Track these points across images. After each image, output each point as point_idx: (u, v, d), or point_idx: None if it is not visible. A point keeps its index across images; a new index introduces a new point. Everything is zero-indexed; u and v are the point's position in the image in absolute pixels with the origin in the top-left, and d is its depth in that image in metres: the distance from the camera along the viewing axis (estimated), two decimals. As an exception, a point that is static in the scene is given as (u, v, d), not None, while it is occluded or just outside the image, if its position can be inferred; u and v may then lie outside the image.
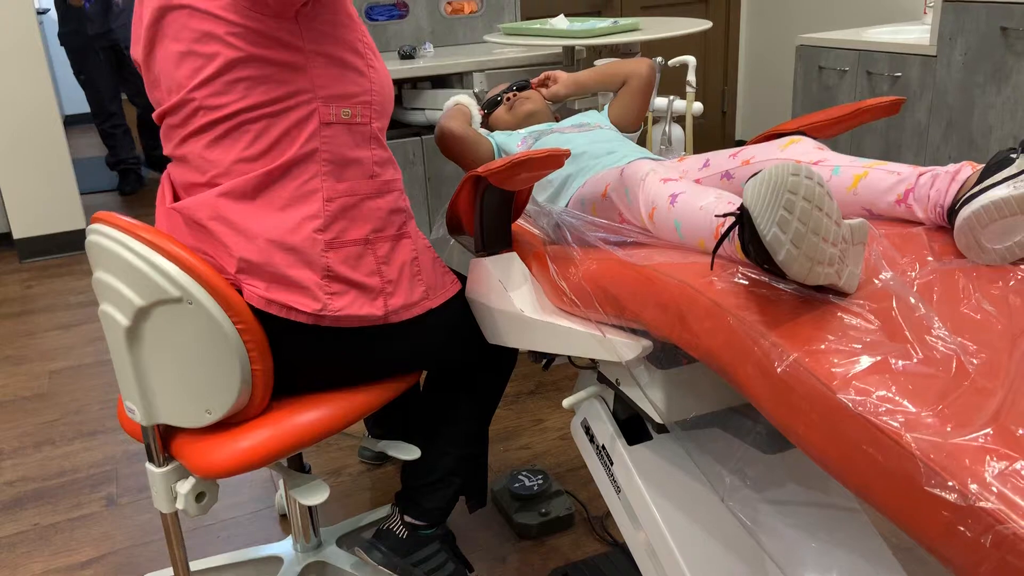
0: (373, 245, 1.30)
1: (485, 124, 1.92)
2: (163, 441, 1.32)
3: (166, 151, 1.34)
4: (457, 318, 1.44)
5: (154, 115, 1.32)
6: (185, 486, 1.30)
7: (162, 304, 1.19)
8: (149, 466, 1.32)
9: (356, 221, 1.29)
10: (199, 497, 1.31)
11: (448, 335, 1.44)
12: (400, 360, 1.40)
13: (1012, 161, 1.06)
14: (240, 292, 1.24)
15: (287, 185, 1.25)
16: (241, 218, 1.24)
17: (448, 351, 1.46)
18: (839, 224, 0.91)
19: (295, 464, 1.65)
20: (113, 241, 1.20)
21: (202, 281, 1.18)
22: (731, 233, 1.01)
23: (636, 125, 1.84)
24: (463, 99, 1.86)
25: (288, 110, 1.24)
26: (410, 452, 1.53)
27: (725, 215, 0.98)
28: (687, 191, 1.16)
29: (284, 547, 1.75)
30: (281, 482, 1.93)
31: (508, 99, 1.88)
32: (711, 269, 1.03)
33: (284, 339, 1.26)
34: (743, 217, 0.91)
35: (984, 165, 1.09)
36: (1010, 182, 1.03)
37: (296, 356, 1.29)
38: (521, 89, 1.91)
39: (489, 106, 1.90)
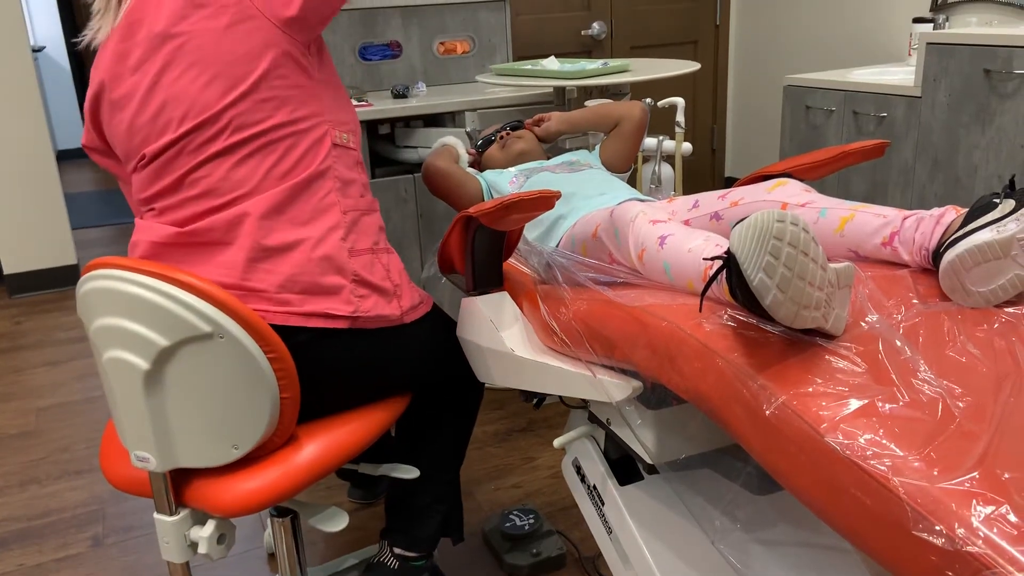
0: (377, 254, 1.37)
1: (477, 163, 1.94)
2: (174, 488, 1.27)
3: (154, 190, 1.31)
4: (448, 322, 1.52)
5: (151, 148, 1.30)
6: (206, 530, 1.26)
7: (190, 342, 1.16)
8: (159, 516, 1.26)
9: (362, 233, 1.36)
10: (220, 539, 1.27)
11: (446, 336, 1.50)
12: (412, 363, 1.43)
13: (996, 205, 1.07)
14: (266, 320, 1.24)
15: (309, 199, 1.31)
16: (269, 238, 1.27)
17: (448, 355, 1.51)
18: (825, 268, 0.93)
19: (279, 508, 1.63)
20: (128, 283, 1.16)
21: (232, 313, 1.16)
22: (719, 276, 1.02)
23: (626, 166, 1.86)
24: (450, 140, 1.88)
25: (310, 129, 1.32)
26: (410, 472, 1.53)
27: (713, 258, 0.99)
28: (676, 233, 1.17)
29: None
30: (269, 521, 1.92)
31: (501, 137, 1.91)
32: (700, 311, 1.03)
33: (313, 354, 1.28)
34: (730, 262, 0.93)
35: (968, 209, 1.11)
36: (993, 226, 1.05)
37: (325, 367, 1.31)
38: (515, 129, 1.94)
39: (484, 145, 1.93)
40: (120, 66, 1.32)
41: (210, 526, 1.27)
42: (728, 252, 0.93)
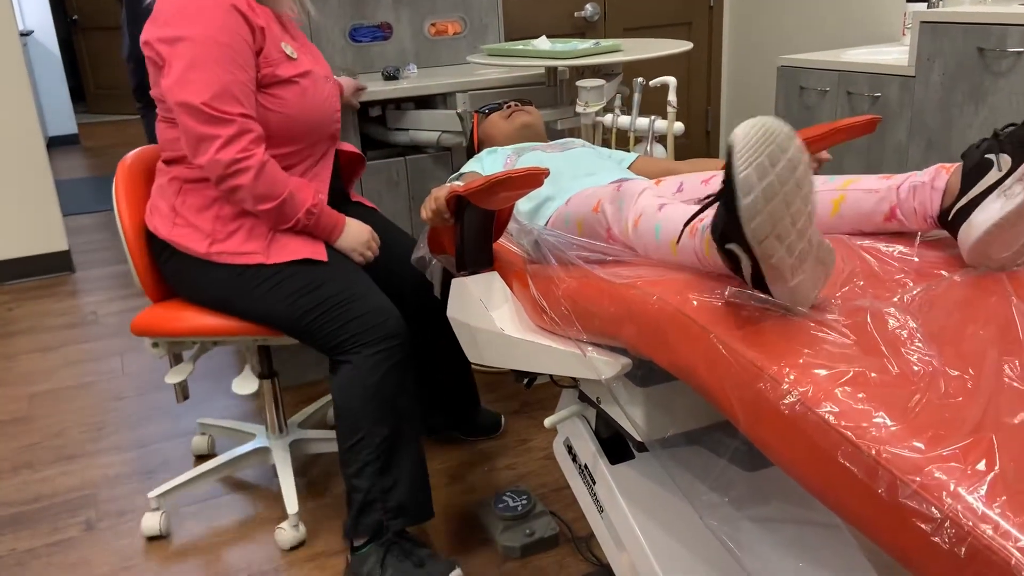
0: (220, 205, 1.72)
1: (476, 133, 1.94)
2: None
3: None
4: (295, 282, 1.69)
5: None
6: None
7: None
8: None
9: (203, 192, 1.72)
10: (154, 344, 1.89)
11: (280, 293, 1.69)
12: (229, 297, 1.74)
13: (990, 163, 1.07)
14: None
15: (175, 166, 1.77)
16: (158, 174, 1.84)
17: (281, 311, 1.70)
18: (810, 220, 0.90)
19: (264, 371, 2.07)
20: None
21: (121, 199, 1.87)
22: (702, 228, 1.01)
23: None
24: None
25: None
26: (245, 387, 1.88)
27: (705, 199, 0.98)
28: (676, 205, 1.16)
29: (259, 429, 2.17)
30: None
31: (509, 106, 1.90)
32: (677, 242, 1.06)
33: (151, 245, 1.82)
34: (728, 157, 0.88)
35: (960, 168, 1.10)
36: (999, 191, 1.04)
37: (159, 261, 1.82)
38: (524, 104, 1.94)
39: (487, 112, 1.93)
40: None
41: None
42: (728, 150, 0.88)
